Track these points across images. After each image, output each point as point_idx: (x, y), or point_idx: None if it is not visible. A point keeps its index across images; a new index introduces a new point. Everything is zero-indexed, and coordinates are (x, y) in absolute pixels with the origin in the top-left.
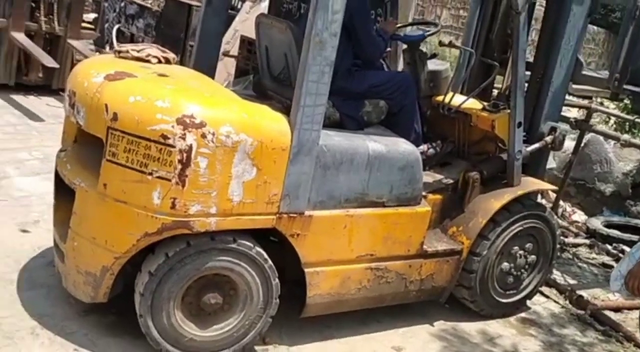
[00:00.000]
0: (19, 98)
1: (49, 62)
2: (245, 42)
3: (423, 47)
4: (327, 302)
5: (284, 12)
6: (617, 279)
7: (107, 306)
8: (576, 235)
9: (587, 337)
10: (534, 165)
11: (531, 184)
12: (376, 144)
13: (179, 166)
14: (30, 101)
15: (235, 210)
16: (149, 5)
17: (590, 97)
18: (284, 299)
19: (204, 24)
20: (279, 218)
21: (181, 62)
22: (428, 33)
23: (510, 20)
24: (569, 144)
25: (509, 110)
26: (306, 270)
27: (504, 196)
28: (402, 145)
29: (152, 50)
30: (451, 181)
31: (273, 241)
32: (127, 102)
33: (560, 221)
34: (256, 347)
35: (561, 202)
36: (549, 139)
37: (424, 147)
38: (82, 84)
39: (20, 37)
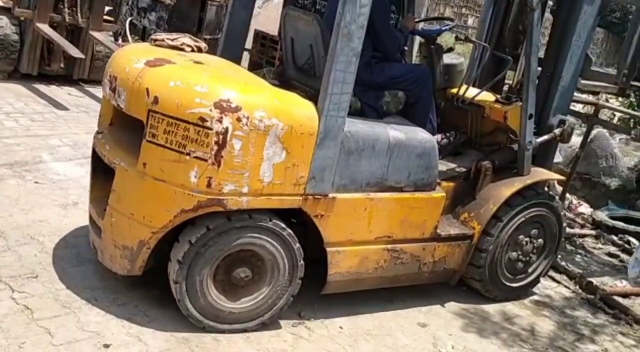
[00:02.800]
0: (41, 87)
1: (76, 53)
2: (259, 36)
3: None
4: (346, 280)
5: (299, 8)
6: (634, 266)
7: (150, 281)
8: (582, 226)
9: (598, 319)
10: (542, 157)
11: (540, 173)
12: (396, 131)
13: (215, 147)
14: (53, 90)
15: (266, 190)
16: None
17: (597, 93)
18: (315, 277)
19: (232, 16)
20: (304, 199)
21: None
22: (445, 27)
23: (524, 17)
24: (576, 139)
25: (520, 103)
26: (328, 249)
27: (515, 184)
28: (420, 134)
29: (186, 39)
30: (464, 170)
31: (293, 222)
32: (168, 86)
33: (566, 213)
34: (291, 321)
35: (567, 195)
36: (557, 131)
37: (438, 137)
38: (124, 69)
39: (45, 28)
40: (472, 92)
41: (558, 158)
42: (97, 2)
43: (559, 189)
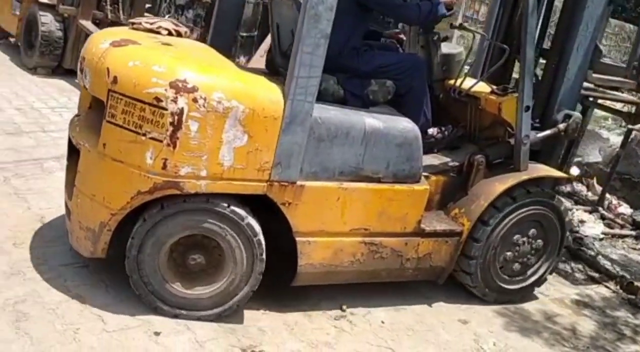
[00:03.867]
0: None
1: None
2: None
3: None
4: (319, 272)
5: None
6: None
7: None
8: (622, 227)
9: (639, 319)
10: (547, 153)
11: (539, 170)
12: (374, 119)
13: (171, 128)
14: None
15: (226, 174)
16: None
17: (617, 89)
18: None
19: (221, 4)
20: (270, 185)
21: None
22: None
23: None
24: (616, 139)
25: (516, 94)
26: (297, 239)
27: (508, 180)
28: (402, 123)
29: (164, 23)
30: (457, 164)
31: (266, 210)
32: (127, 66)
33: (606, 213)
34: (333, 313)
35: (607, 195)
36: (562, 126)
37: (433, 130)
38: (91, 50)
39: (88, 24)
40: (470, 83)
41: (598, 158)
42: None
43: (599, 189)
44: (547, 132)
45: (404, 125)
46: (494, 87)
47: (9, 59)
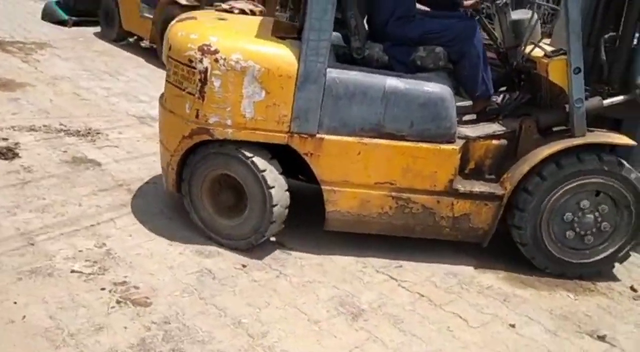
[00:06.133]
0: None
1: None
2: None
3: None
4: (347, 220)
5: None
6: None
7: None
8: None
9: None
10: (629, 121)
11: (598, 136)
12: (395, 80)
13: (199, 84)
14: None
15: (249, 124)
16: None
17: None
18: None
19: None
20: (290, 136)
21: None
22: None
23: None
24: None
25: (565, 56)
26: (323, 187)
27: (555, 146)
28: (428, 84)
29: (241, 4)
30: (510, 130)
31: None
32: (177, 36)
33: None
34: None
35: None
36: (639, 91)
37: (497, 97)
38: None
39: None
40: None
41: None
42: None
43: None
44: (618, 97)
45: (430, 86)
46: (547, 49)
47: (144, 60)
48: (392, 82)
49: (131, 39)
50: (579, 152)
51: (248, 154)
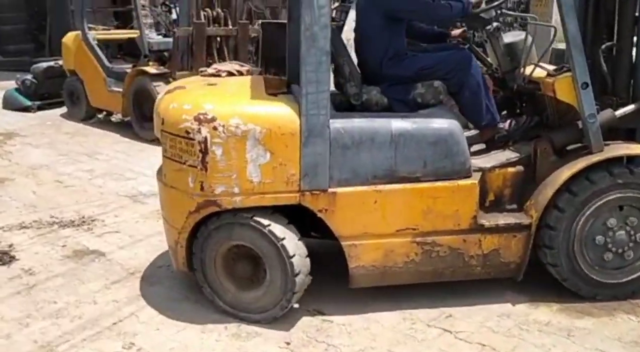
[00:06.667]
0: None
1: None
2: None
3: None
4: (373, 274)
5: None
6: None
7: None
8: None
9: None
10: None
11: (616, 149)
12: (401, 121)
13: (200, 155)
14: None
15: (258, 189)
16: None
17: None
18: None
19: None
20: (302, 195)
21: None
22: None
23: None
24: None
25: (570, 73)
26: (342, 243)
27: (577, 165)
28: (435, 121)
29: (227, 66)
30: (525, 155)
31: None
32: (169, 108)
33: None
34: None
35: None
36: None
37: (504, 124)
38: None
39: None
40: (538, 70)
41: None
42: (241, 50)
43: None
44: (630, 107)
45: (437, 122)
46: (550, 68)
47: (119, 135)
48: (398, 124)
49: (100, 116)
50: (589, 172)
51: (264, 222)
